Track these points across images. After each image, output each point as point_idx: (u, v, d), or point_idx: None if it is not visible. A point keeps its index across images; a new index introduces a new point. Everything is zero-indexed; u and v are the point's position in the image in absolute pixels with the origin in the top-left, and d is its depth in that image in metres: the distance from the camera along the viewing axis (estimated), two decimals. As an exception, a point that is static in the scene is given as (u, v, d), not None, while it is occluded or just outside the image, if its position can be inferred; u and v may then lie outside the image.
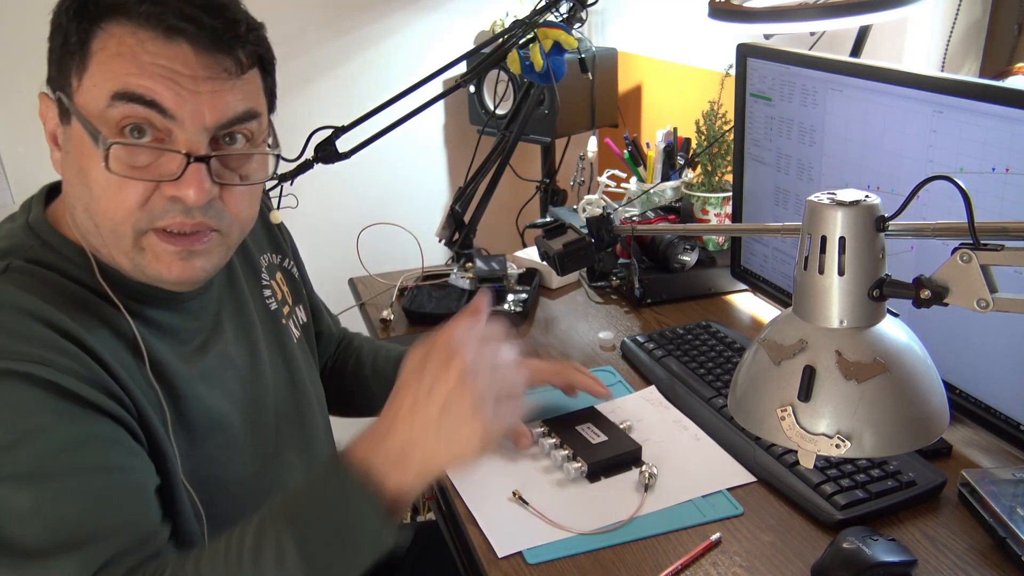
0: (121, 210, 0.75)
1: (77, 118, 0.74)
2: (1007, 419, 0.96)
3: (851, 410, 0.61)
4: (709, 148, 1.58)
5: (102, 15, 0.73)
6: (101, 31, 0.74)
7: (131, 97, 0.73)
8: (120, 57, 0.73)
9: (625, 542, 0.91)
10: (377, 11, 2.29)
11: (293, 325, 1.05)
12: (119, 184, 0.74)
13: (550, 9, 1.45)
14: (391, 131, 1.42)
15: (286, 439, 0.96)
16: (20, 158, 2.11)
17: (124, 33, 0.73)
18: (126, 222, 0.76)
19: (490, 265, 1.52)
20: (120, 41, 0.73)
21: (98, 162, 0.73)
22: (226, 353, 0.91)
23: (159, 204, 0.76)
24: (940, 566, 0.85)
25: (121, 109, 0.73)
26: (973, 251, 0.59)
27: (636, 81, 2.24)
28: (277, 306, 1.03)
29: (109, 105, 0.73)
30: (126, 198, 0.75)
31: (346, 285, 1.67)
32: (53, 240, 0.80)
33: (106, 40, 0.73)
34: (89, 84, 0.74)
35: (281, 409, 0.97)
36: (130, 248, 0.77)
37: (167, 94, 0.73)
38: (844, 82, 1.12)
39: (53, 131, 0.79)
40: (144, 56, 0.73)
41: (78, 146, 0.76)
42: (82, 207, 0.77)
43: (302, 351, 1.05)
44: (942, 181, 0.60)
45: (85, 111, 0.74)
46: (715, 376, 1.18)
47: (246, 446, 0.90)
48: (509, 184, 1.99)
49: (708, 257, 1.53)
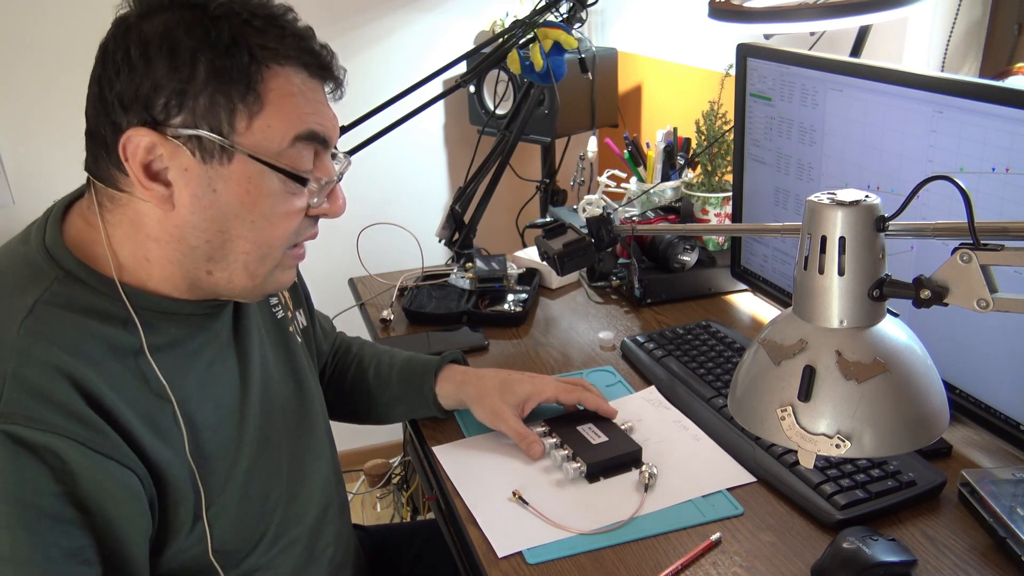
0: (283, 238, 0.81)
1: (258, 161, 0.76)
2: (1007, 419, 0.96)
3: (851, 410, 0.61)
4: (709, 148, 1.58)
5: (265, 57, 0.75)
6: (268, 71, 0.75)
7: (313, 137, 0.79)
8: (293, 98, 0.77)
9: (625, 542, 0.91)
10: (377, 11, 2.29)
11: (296, 331, 1.05)
12: (286, 215, 0.80)
13: (550, 9, 1.45)
14: (391, 131, 1.43)
15: (297, 449, 0.96)
16: (20, 158, 2.11)
17: (289, 74, 0.77)
18: (281, 247, 0.82)
19: (490, 265, 1.52)
20: (289, 81, 0.77)
21: (280, 200, 0.79)
22: (243, 370, 0.90)
23: (304, 223, 0.83)
24: (940, 566, 0.85)
25: (299, 149, 0.78)
26: (973, 251, 0.59)
27: (636, 81, 2.24)
28: (283, 313, 1.03)
29: (291, 146, 0.77)
30: (289, 226, 0.81)
31: (346, 285, 1.67)
32: (75, 269, 0.78)
33: (277, 81, 0.76)
34: (263, 125, 0.76)
35: (290, 419, 0.96)
36: (269, 268, 0.82)
37: (330, 128, 0.81)
38: (844, 82, 1.12)
39: (158, 169, 0.75)
40: (310, 95, 0.79)
41: (243, 184, 0.76)
42: (221, 241, 0.78)
43: (306, 357, 1.05)
44: (942, 181, 0.60)
45: (261, 151, 0.76)
46: (715, 376, 1.18)
47: (261, 464, 0.89)
48: (509, 184, 2.00)
49: (708, 257, 1.53)
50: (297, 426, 0.97)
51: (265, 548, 0.89)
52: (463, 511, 0.97)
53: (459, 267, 1.57)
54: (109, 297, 0.78)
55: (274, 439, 0.92)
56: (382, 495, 2.32)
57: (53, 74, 2.07)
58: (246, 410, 0.88)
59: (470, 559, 0.92)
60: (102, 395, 0.73)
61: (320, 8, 2.22)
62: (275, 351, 0.98)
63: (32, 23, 2.03)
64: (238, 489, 0.85)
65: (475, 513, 0.96)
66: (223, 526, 0.83)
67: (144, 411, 0.77)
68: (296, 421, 0.98)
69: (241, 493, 0.86)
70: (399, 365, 1.17)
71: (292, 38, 0.78)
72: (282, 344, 1.00)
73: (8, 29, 2.02)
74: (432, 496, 1.11)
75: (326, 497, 1.00)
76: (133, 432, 0.75)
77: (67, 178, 2.37)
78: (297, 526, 0.94)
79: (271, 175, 0.77)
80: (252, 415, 0.89)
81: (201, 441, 0.82)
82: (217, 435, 0.84)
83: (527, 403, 1.09)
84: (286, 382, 0.98)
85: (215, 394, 0.85)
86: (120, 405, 0.74)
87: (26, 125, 2.10)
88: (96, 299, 0.77)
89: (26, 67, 2.06)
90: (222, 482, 0.84)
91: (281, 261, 0.83)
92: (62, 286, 0.77)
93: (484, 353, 1.35)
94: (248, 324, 0.93)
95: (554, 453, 1.04)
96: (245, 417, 0.88)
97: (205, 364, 0.85)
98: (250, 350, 0.92)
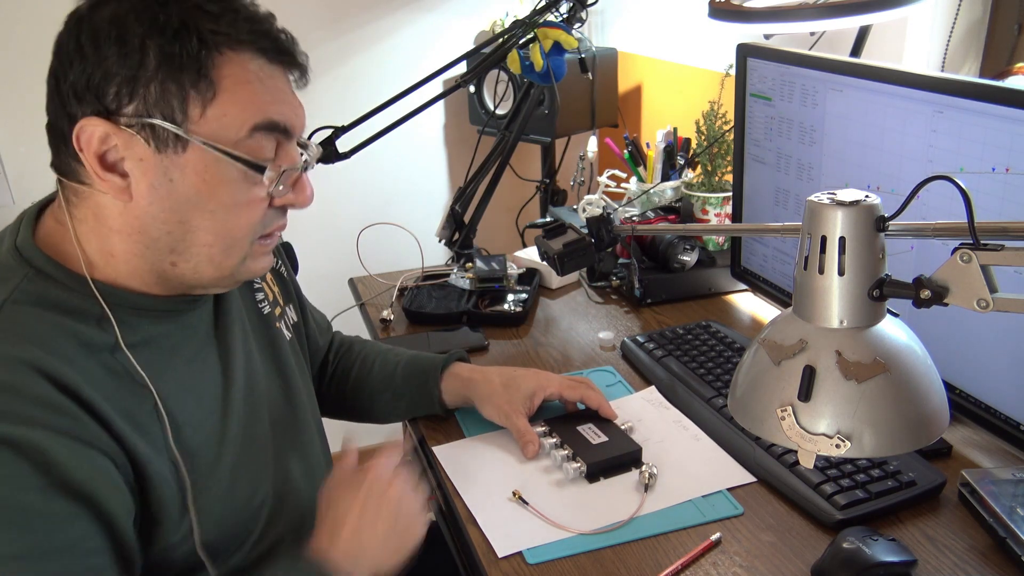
0: (246, 228, 0.79)
1: (214, 150, 0.74)
2: (1007, 419, 0.96)
3: (851, 410, 0.61)
4: (709, 148, 1.58)
5: (219, 42, 0.73)
6: (220, 57, 0.73)
7: (273, 127, 0.77)
8: (250, 85, 0.75)
9: (625, 542, 0.91)
10: (376, 11, 2.29)
11: (284, 326, 1.05)
12: (249, 204, 0.78)
13: (550, 9, 1.45)
14: (391, 131, 1.43)
15: (283, 448, 0.96)
16: (20, 158, 2.11)
17: (244, 60, 0.75)
18: (246, 238, 0.80)
19: (490, 265, 1.52)
20: (244, 68, 0.75)
21: (239, 189, 0.77)
22: (226, 366, 0.90)
23: (270, 213, 0.81)
24: (940, 566, 0.85)
25: (258, 139, 0.76)
26: (973, 251, 0.59)
27: (636, 81, 2.24)
28: (270, 309, 1.02)
29: (249, 136, 0.75)
30: (252, 216, 0.79)
31: (346, 285, 1.67)
32: (45, 267, 0.77)
33: (230, 68, 0.74)
34: (217, 113, 0.74)
35: (276, 416, 0.96)
36: (237, 260, 0.81)
37: (293, 118, 0.78)
38: (844, 82, 1.12)
39: (113, 159, 0.75)
40: (268, 83, 0.76)
41: (200, 173, 0.75)
42: (183, 232, 0.77)
43: (294, 353, 1.05)
44: (942, 181, 0.60)
45: (217, 140, 0.74)
46: (715, 376, 1.18)
47: (245, 462, 0.88)
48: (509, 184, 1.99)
49: (708, 257, 1.53)
50: (285, 425, 0.97)
51: (251, 546, 0.89)
52: (463, 511, 0.97)
53: (459, 267, 1.57)
54: (81, 294, 0.77)
55: (259, 437, 0.92)
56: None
57: (53, 74, 2.06)
58: (229, 407, 0.88)
59: (470, 559, 0.92)
60: (78, 387, 0.72)
61: (320, 8, 2.22)
62: (260, 348, 0.98)
63: (33, 24, 2.03)
64: (222, 486, 0.85)
65: (475, 513, 0.96)
66: (208, 523, 0.82)
67: (122, 406, 0.75)
68: (283, 420, 0.97)
69: (226, 491, 0.85)
70: (404, 362, 1.17)
71: (246, 22, 0.76)
72: (268, 341, 1.00)
73: (8, 29, 2.02)
74: (432, 496, 1.11)
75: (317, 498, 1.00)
76: (113, 424, 0.74)
77: (67, 178, 2.31)
78: (285, 524, 0.93)
79: (229, 164, 0.76)
80: (235, 412, 0.88)
81: (183, 436, 0.81)
82: (199, 432, 0.83)
83: (533, 398, 1.10)
84: (272, 380, 0.98)
85: (195, 390, 0.85)
86: (98, 398, 0.73)
87: (26, 125, 2.08)
88: (68, 296, 0.77)
89: (26, 67, 2.06)
90: (205, 478, 0.83)
91: (250, 252, 0.82)
92: (31, 284, 0.76)
93: (484, 353, 1.35)
94: (230, 320, 0.93)
95: (554, 453, 1.04)
96: (228, 414, 0.87)
97: (184, 360, 0.85)
98: (232, 346, 0.91)
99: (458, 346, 1.30)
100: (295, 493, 0.95)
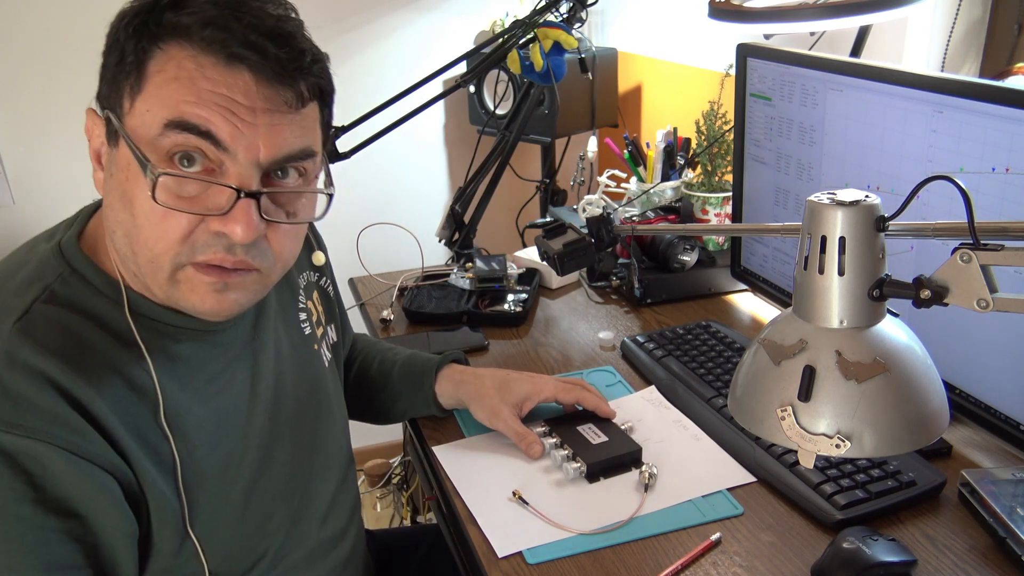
0: (163, 241, 0.71)
1: (127, 142, 0.70)
2: (1007, 419, 0.96)
3: (851, 410, 0.61)
4: (709, 148, 1.58)
5: (163, 35, 0.69)
6: (160, 52, 0.69)
7: (186, 127, 0.69)
8: (177, 82, 0.69)
9: (625, 542, 0.91)
10: (376, 11, 2.29)
11: (325, 348, 1.02)
12: (163, 214, 0.70)
13: (550, 9, 1.45)
14: (391, 131, 1.43)
15: (304, 471, 0.93)
16: (20, 158, 2.11)
17: (184, 57, 0.69)
18: (165, 254, 0.72)
19: (490, 265, 1.52)
20: (179, 65, 0.69)
21: (144, 190, 0.70)
22: (254, 384, 0.87)
23: (202, 238, 0.72)
24: (940, 566, 0.85)
25: (173, 139, 0.69)
26: (973, 251, 0.59)
27: (636, 81, 2.24)
28: (311, 330, 0.99)
29: (161, 133, 0.69)
30: (169, 229, 0.71)
31: (346, 285, 1.66)
32: (83, 268, 0.76)
33: (164, 62, 0.69)
34: (142, 108, 0.70)
35: (302, 440, 0.93)
36: (165, 280, 0.73)
37: (223, 125, 0.69)
38: (844, 82, 1.12)
39: (97, 149, 0.75)
40: (203, 83, 0.69)
41: (124, 170, 0.71)
42: (123, 232, 0.73)
43: (332, 376, 1.02)
44: (942, 181, 0.60)
45: (135, 136, 0.70)
46: (715, 376, 1.18)
47: (263, 486, 0.86)
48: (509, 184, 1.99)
49: (708, 257, 1.53)
50: (311, 450, 0.94)
51: (261, 572, 0.87)
52: (463, 511, 0.97)
53: (459, 267, 1.57)
54: (111, 301, 0.76)
55: (279, 461, 0.89)
56: (382, 495, 2.32)
57: (53, 75, 2.06)
58: (249, 428, 0.86)
59: (470, 559, 0.92)
60: (90, 401, 0.70)
61: (320, 8, 2.22)
62: (295, 368, 0.94)
63: (33, 24, 2.03)
64: (233, 510, 0.83)
65: (475, 513, 0.96)
66: (214, 547, 0.80)
67: (134, 424, 0.74)
68: (309, 444, 0.94)
69: (237, 514, 0.83)
70: (401, 361, 1.17)
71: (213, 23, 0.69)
72: (306, 362, 0.97)
73: (8, 30, 2.02)
74: (432, 496, 1.11)
75: (337, 523, 0.97)
76: (120, 441, 0.72)
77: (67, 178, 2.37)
78: (298, 550, 0.91)
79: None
80: (256, 433, 0.86)
81: (196, 457, 0.79)
82: (214, 452, 0.81)
83: (526, 403, 1.09)
84: (303, 402, 0.94)
85: (217, 410, 0.82)
86: (108, 414, 0.71)
87: (26, 125, 2.10)
88: (97, 301, 0.75)
89: (26, 68, 2.06)
90: (214, 502, 0.81)
91: (181, 277, 0.73)
92: (63, 286, 0.75)
93: (484, 353, 1.35)
94: (266, 337, 0.89)
95: (554, 453, 1.04)
96: (248, 436, 0.85)
97: (208, 377, 0.82)
98: (263, 364, 0.88)
99: (458, 346, 1.30)
100: (313, 517, 0.94)
